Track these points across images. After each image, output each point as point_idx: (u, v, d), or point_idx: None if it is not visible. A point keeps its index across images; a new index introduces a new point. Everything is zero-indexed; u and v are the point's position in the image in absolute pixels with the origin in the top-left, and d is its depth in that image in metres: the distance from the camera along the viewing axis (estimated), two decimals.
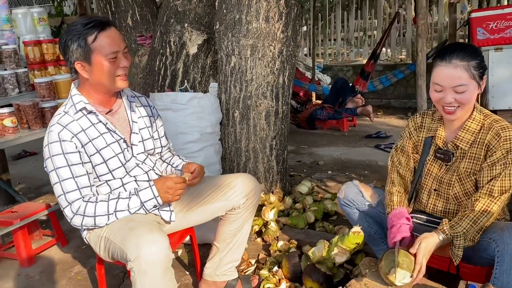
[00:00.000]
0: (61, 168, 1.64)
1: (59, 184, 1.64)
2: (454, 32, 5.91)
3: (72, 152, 1.65)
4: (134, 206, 1.70)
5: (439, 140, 1.81)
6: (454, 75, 1.63)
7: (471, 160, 1.73)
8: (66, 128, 1.67)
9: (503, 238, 1.54)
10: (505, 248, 1.52)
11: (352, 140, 5.12)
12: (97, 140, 1.72)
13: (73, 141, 1.66)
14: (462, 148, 1.74)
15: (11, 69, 2.80)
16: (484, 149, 1.70)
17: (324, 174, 3.89)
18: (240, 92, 2.77)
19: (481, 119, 1.72)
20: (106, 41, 1.67)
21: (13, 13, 3.11)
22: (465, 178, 1.74)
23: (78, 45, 1.65)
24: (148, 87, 3.17)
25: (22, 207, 2.82)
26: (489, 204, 1.63)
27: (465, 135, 1.73)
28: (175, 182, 1.73)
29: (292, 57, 2.80)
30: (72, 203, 1.64)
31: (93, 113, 1.75)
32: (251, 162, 2.86)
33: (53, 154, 1.64)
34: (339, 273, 2.12)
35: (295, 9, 2.70)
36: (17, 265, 2.62)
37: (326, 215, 2.90)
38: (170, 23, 2.98)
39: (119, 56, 1.71)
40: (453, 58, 1.63)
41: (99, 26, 1.67)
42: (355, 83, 5.52)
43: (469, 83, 1.63)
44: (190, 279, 2.34)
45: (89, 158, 1.70)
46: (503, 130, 1.66)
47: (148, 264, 1.49)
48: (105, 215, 1.67)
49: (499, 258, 1.53)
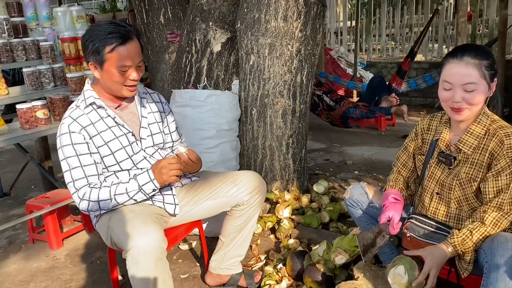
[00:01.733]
0: (70, 158, 1.76)
1: (69, 172, 1.77)
2: (505, 30, 5.60)
3: (80, 143, 1.77)
4: (132, 189, 1.78)
5: (442, 143, 1.77)
6: (464, 72, 1.59)
7: (473, 166, 1.67)
8: (76, 121, 1.79)
9: (492, 249, 1.49)
10: (492, 259, 1.47)
11: (387, 140, 5.01)
12: (105, 133, 1.83)
13: (81, 133, 1.78)
14: (465, 152, 1.69)
15: (48, 64, 2.99)
16: (488, 156, 1.64)
17: (350, 174, 3.85)
18: (258, 90, 2.80)
19: (487, 124, 1.66)
20: (121, 55, 1.74)
21: (53, 11, 3.30)
22: (466, 183, 1.69)
23: (96, 50, 1.74)
24: (176, 83, 3.28)
25: (55, 193, 3.02)
26: (500, 218, 1.58)
27: (469, 139, 1.68)
28: (169, 162, 1.79)
29: (311, 56, 2.80)
30: (79, 189, 1.76)
31: (102, 107, 1.86)
32: (267, 159, 2.89)
33: (63, 144, 1.77)
34: (341, 275, 2.12)
35: (315, 8, 2.69)
36: (47, 247, 2.82)
37: (342, 216, 2.89)
38: (196, 21, 3.06)
39: (130, 69, 1.79)
40: (465, 56, 1.60)
41: (121, 38, 1.73)
42: (392, 82, 5.37)
43: (479, 82, 1.59)
44: (199, 271, 2.42)
45: (97, 149, 1.81)
46: (507, 137, 1.59)
47: (140, 254, 1.57)
48: (108, 199, 1.76)
49: (487, 269, 1.49)
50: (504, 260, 1.45)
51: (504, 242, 1.48)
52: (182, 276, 2.37)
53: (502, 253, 1.46)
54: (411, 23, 8.17)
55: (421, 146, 1.90)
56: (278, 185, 2.93)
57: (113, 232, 1.75)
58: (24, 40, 2.93)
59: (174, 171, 1.79)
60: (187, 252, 2.62)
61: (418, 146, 1.91)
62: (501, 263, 1.45)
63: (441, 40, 7.62)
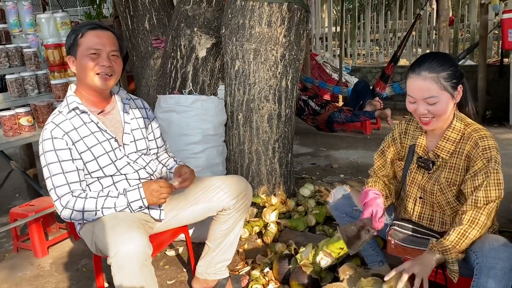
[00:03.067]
0: (52, 164, 1.75)
1: (50, 179, 1.76)
2: (486, 34, 5.72)
3: (62, 149, 1.76)
4: (120, 205, 1.79)
5: (419, 148, 1.79)
6: (423, 87, 1.62)
7: (451, 170, 1.71)
8: (59, 127, 1.78)
9: (482, 251, 1.51)
10: (483, 261, 1.49)
11: (372, 144, 5.06)
12: (88, 138, 1.83)
13: (64, 139, 1.77)
14: (443, 157, 1.72)
15: (31, 71, 2.97)
16: (465, 160, 1.67)
17: (336, 177, 3.88)
18: (243, 95, 2.82)
19: (461, 128, 1.69)
20: (91, 38, 1.81)
21: (37, 18, 3.28)
22: (446, 188, 1.72)
23: (70, 39, 1.82)
24: (161, 88, 3.28)
25: (40, 201, 2.99)
26: (476, 215, 1.59)
27: (446, 145, 1.71)
28: (160, 186, 1.82)
29: (296, 61, 2.83)
30: (62, 197, 1.75)
31: (85, 112, 1.85)
32: (254, 164, 2.90)
33: (45, 150, 1.76)
34: (327, 277, 2.14)
35: (299, 14, 2.72)
36: (32, 255, 2.79)
37: (329, 219, 2.91)
38: (181, 27, 3.07)
39: (102, 55, 1.82)
40: (422, 70, 1.62)
41: (93, 25, 1.83)
42: (376, 86, 5.44)
43: (439, 94, 1.61)
44: (186, 276, 2.41)
45: (80, 155, 1.80)
46: (481, 139, 1.63)
47: (124, 260, 1.57)
48: (93, 211, 1.77)
49: (477, 271, 1.50)
50: (495, 263, 1.46)
51: (495, 243, 1.50)
52: (168, 282, 2.37)
53: (494, 255, 1.47)
54: (395, 28, 8.28)
55: (400, 150, 1.92)
56: (265, 189, 2.95)
57: (97, 238, 1.74)
58: (7, 47, 2.91)
59: (164, 195, 1.83)
60: (174, 258, 2.62)
61: (397, 150, 1.92)
62: (493, 266, 1.47)
63: (424, 44, 7.74)
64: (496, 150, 1.61)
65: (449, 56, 1.70)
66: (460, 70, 1.67)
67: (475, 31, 7.04)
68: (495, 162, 1.59)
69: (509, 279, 1.47)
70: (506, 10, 5.36)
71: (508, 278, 1.47)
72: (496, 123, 5.50)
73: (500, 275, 1.46)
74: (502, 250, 1.48)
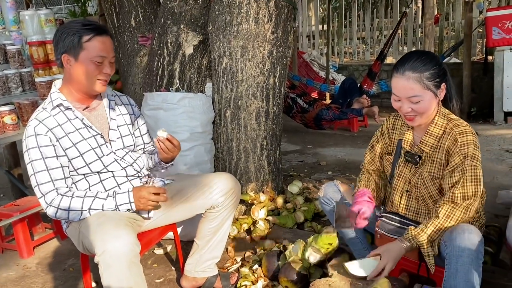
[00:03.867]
0: (36, 161, 1.72)
1: (34, 176, 1.73)
2: (470, 32, 5.79)
3: (46, 145, 1.74)
4: (108, 207, 1.78)
5: (406, 143, 1.83)
6: (406, 87, 1.65)
7: (433, 164, 1.74)
8: (42, 123, 1.75)
9: (451, 241, 1.54)
10: (451, 250, 1.52)
11: (360, 141, 5.10)
12: (73, 134, 1.80)
13: (47, 135, 1.74)
14: (427, 152, 1.76)
15: (15, 69, 2.93)
16: (445, 154, 1.71)
17: (324, 174, 3.90)
18: (231, 93, 2.81)
19: (443, 124, 1.73)
20: (98, 45, 1.77)
21: (20, 15, 3.23)
22: (429, 182, 1.75)
23: (72, 40, 1.75)
24: (148, 86, 3.25)
25: (25, 201, 2.94)
26: (452, 210, 1.63)
27: (429, 139, 1.75)
28: (149, 192, 1.81)
29: (283, 58, 2.83)
30: (46, 194, 1.72)
31: (69, 109, 1.83)
32: (242, 161, 2.90)
33: (29, 147, 1.73)
34: (316, 273, 2.14)
35: (286, 10, 2.72)
36: (17, 256, 2.75)
37: (317, 216, 2.92)
38: (167, 24, 3.05)
39: (105, 62, 1.81)
40: (406, 70, 1.65)
41: (97, 30, 1.78)
42: (363, 84, 5.48)
43: (423, 93, 1.65)
44: (175, 275, 2.40)
45: (65, 151, 1.78)
46: (460, 135, 1.65)
47: (112, 258, 1.55)
48: (79, 211, 1.74)
49: (447, 261, 1.54)
50: (462, 251, 1.50)
51: (461, 232, 1.53)
52: (157, 281, 2.35)
53: (459, 243, 1.51)
54: (381, 26, 8.34)
55: (388, 144, 1.94)
56: (253, 187, 2.94)
57: (84, 237, 1.72)
58: None
59: (152, 203, 1.82)
60: (162, 257, 2.60)
61: (386, 144, 1.96)
62: (460, 254, 1.50)
63: (410, 42, 7.82)
64: (474, 146, 1.64)
65: (432, 55, 1.73)
66: (443, 68, 1.69)
67: (460, 29, 7.13)
68: (472, 158, 1.62)
69: (477, 265, 1.51)
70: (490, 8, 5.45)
71: (477, 264, 1.50)
72: (481, 120, 5.58)
73: (468, 262, 1.49)
74: (467, 238, 1.51)
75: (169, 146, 1.90)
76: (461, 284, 1.49)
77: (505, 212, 2.54)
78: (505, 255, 2.09)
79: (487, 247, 2.08)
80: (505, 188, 2.83)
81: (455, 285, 1.48)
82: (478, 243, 1.51)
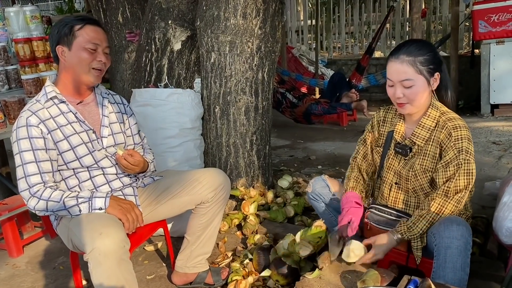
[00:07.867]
0: (25, 152, 1.70)
1: (22, 167, 1.69)
2: (457, 26, 5.83)
3: (37, 137, 1.72)
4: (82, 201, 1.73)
5: (397, 134, 1.84)
6: (400, 70, 1.67)
7: (425, 157, 1.75)
8: (35, 114, 1.74)
9: (439, 232, 1.56)
10: (440, 241, 1.54)
11: (349, 135, 5.12)
12: (65, 127, 1.79)
13: (39, 127, 1.73)
14: (419, 144, 1.77)
15: (1, 66, 2.89)
16: (438, 147, 1.72)
17: (314, 168, 3.91)
18: (220, 88, 2.81)
19: (436, 116, 1.74)
20: (89, 32, 1.80)
21: (5, 11, 3.19)
22: (420, 174, 1.76)
23: (64, 31, 1.78)
24: (136, 82, 3.23)
25: (13, 200, 2.91)
26: (444, 203, 1.65)
27: (421, 132, 1.76)
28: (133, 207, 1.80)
29: (272, 53, 2.83)
30: (32, 186, 1.69)
31: (63, 102, 1.82)
32: (232, 157, 2.90)
33: (19, 137, 1.71)
34: (306, 266, 2.16)
35: (274, 5, 2.72)
36: (6, 255, 2.72)
37: (307, 210, 2.93)
38: (155, 20, 3.03)
39: (99, 50, 1.82)
40: (401, 54, 1.68)
41: (89, 19, 1.81)
42: (352, 78, 5.51)
43: (415, 78, 1.66)
44: (166, 271, 2.40)
45: (56, 144, 1.76)
46: (454, 129, 1.67)
47: (102, 256, 1.54)
48: (56, 202, 1.69)
49: (436, 252, 1.56)
50: (450, 242, 1.52)
51: (449, 224, 1.55)
52: (148, 277, 2.35)
53: (447, 235, 1.53)
54: (369, 20, 8.37)
55: (377, 138, 1.96)
56: (244, 182, 2.95)
57: (73, 235, 1.71)
58: None
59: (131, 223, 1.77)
60: (153, 253, 2.60)
61: (375, 138, 1.97)
62: (448, 245, 1.52)
63: (398, 36, 7.86)
64: (468, 140, 1.66)
65: (428, 43, 1.77)
66: (439, 57, 1.72)
67: (447, 22, 7.18)
68: (466, 153, 1.64)
69: (466, 256, 1.53)
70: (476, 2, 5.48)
71: (465, 255, 1.53)
72: (468, 113, 5.63)
73: (456, 253, 1.52)
74: (455, 229, 1.53)
75: (124, 164, 1.87)
76: (449, 275, 1.51)
77: (492, 203, 2.57)
78: (492, 246, 2.11)
79: (475, 238, 2.11)
80: (491, 179, 2.86)
81: (444, 275, 1.50)
82: (466, 234, 1.53)
